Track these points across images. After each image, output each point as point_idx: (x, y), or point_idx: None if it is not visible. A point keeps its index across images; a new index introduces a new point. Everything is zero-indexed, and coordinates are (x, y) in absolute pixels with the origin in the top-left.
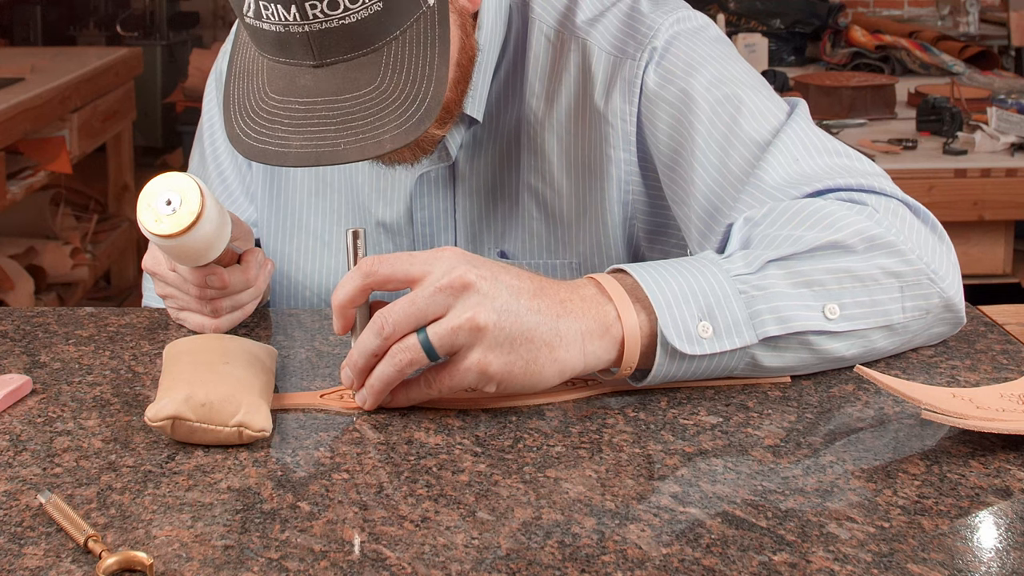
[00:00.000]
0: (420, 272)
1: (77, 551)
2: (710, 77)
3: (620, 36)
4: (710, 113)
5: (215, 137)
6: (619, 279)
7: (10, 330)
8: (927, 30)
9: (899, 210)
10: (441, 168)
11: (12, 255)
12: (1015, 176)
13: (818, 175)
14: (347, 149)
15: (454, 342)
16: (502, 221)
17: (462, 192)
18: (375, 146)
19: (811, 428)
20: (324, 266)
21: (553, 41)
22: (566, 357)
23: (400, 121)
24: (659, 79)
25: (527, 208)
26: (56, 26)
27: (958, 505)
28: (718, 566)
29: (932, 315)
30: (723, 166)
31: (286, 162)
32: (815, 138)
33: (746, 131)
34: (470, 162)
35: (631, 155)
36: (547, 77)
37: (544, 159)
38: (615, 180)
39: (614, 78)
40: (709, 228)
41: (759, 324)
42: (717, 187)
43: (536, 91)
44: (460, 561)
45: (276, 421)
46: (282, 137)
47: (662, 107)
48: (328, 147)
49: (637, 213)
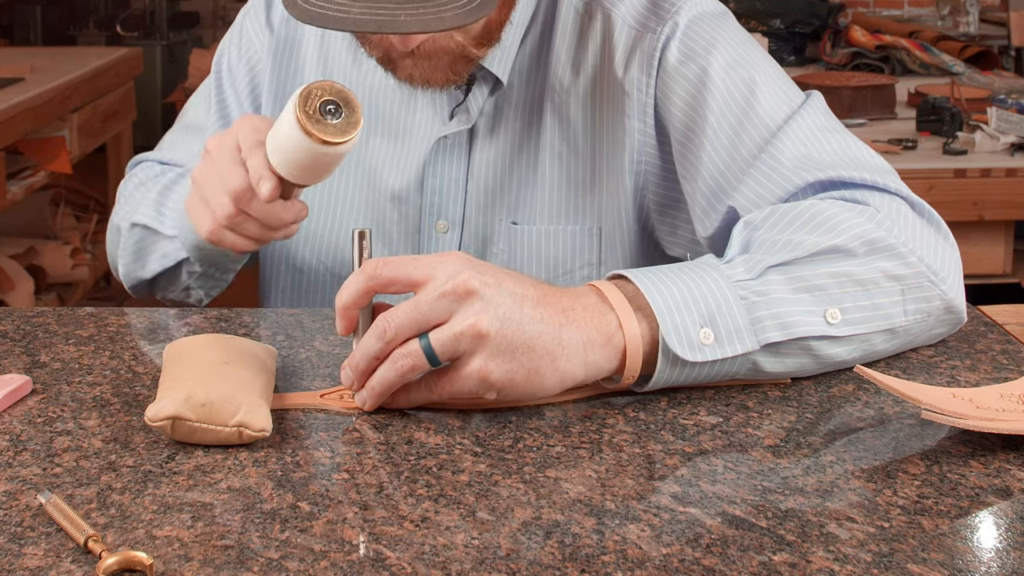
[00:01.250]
0: (423, 276)
1: (77, 551)
2: (729, 59)
3: (643, 12)
4: (725, 93)
5: (228, 109)
6: (620, 286)
7: (10, 330)
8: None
9: (902, 209)
10: (460, 134)
11: (12, 255)
12: (1015, 176)
13: (826, 162)
14: (407, 20)
15: (456, 348)
16: (517, 190)
17: (477, 161)
18: (435, 21)
19: (811, 428)
20: (329, 230)
21: (581, 12)
22: (567, 367)
23: (463, 2)
24: (680, 55)
25: (549, 173)
26: (56, 26)
27: (958, 505)
28: (718, 566)
29: (933, 317)
30: (732, 146)
31: (345, 26)
32: (827, 126)
33: (759, 114)
34: (489, 131)
35: (646, 126)
36: (574, 47)
37: (569, 125)
38: (628, 150)
39: (634, 50)
40: (712, 206)
41: (760, 330)
42: (724, 166)
43: (563, 60)
44: (460, 561)
45: (276, 421)
46: (342, 3)
47: (680, 83)
48: (388, 16)
49: (648, 184)
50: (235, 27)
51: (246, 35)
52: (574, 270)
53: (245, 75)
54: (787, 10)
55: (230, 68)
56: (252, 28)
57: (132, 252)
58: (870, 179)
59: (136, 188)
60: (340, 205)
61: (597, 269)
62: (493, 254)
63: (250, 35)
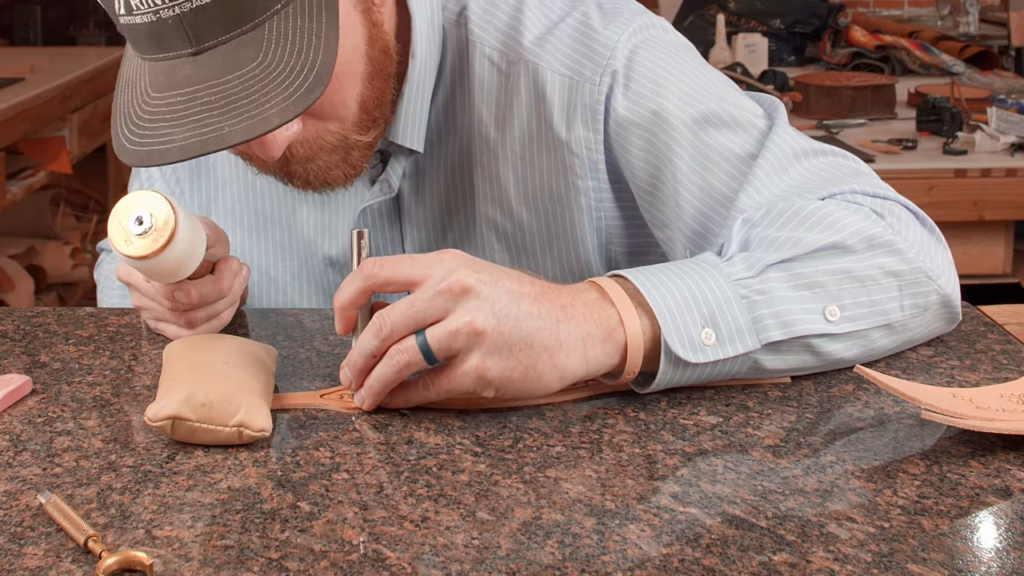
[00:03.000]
0: (420, 275)
1: (77, 551)
2: (680, 93)
3: (574, 56)
4: (686, 132)
5: None
6: (620, 283)
7: (10, 330)
8: (927, 30)
9: (894, 208)
10: (384, 201)
11: (12, 255)
12: (1015, 176)
13: (808, 182)
14: (232, 131)
15: (452, 345)
16: None
17: (409, 224)
18: (262, 123)
19: (811, 428)
20: (272, 303)
21: (498, 64)
22: (567, 363)
23: (287, 94)
24: (629, 103)
25: (486, 240)
26: (56, 26)
27: (958, 505)
28: (718, 566)
29: (930, 312)
30: (707, 185)
31: (168, 158)
32: (796, 142)
33: (726, 146)
34: (415, 193)
35: (599, 183)
36: (495, 103)
37: (500, 189)
38: (586, 209)
39: (573, 103)
40: (699, 248)
41: (761, 329)
42: (704, 207)
43: (484, 118)
44: (460, 561)
45: (276, 421)
46: (165, 134)
47: (635, 132)
48: (212, 133)
49: (613, 237)
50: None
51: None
52: None
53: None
54: (787, 10)
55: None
56: None
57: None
58: (859, 188)
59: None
60: (280, 274)
61: None
62: None
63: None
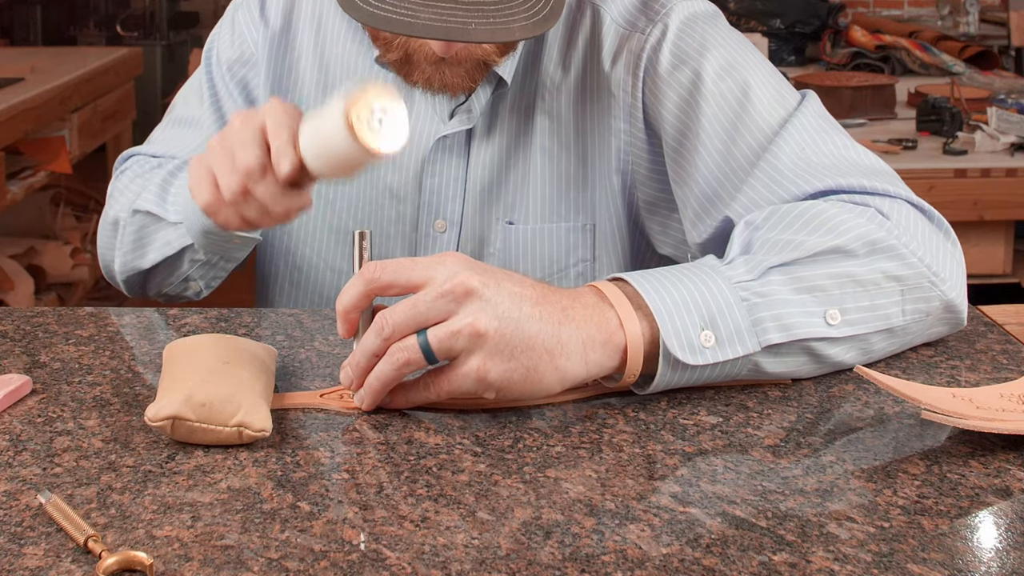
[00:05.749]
0: (422, 278)
1: (77, 551)
2: (722, 62)
3: (632, 11)
4: (719, 98)
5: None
6: (620, 286)
7: (10, 330)
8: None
9: (904, 210)
10: (460, 134)
11: (12, 255)
12: (1015, 176)
13: (825, 167)
14: (477, 29)
15: (452, 346)
16: (512, 189)
17: (475, 161)
18: (505, 31)
19: (811, 428)
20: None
21: (572, 7)
22: (567, 365)
23: (530, 14)
24: (671, 59)
25: (541, 171)
26: (56, 26)
27: (958, 505)
28: (718, 566)
29: (932, 316)
30: (728, 153)
31: (412, 31)
32: (824, 128)
33: (754, 119)
34: (487, 131)
35: (632, 127)
36: (565, 43)
37: (559, 122)
38: (614, 150)
39: (620, 49)
40: (705, 212)
41: (761, 332)
42: (720, 174)
43: (554, 57)
44: (460, 561)
45: (276, 421)
46: (409, 9)
47: (672, 87)
48: (458, 24)
49: (636, 183)
50: (226, 19)
51: (238, 28)
52: (568, 267)
53: (237, 68)
54: (787, 10)
55: (219, 60)
56: (245, 21)
57: (132, 241)
58: (869, 185)
59: (132, 180)
60: (337, 201)
61: (591, 266)
62: (490, 254)
63: (242, 28)
